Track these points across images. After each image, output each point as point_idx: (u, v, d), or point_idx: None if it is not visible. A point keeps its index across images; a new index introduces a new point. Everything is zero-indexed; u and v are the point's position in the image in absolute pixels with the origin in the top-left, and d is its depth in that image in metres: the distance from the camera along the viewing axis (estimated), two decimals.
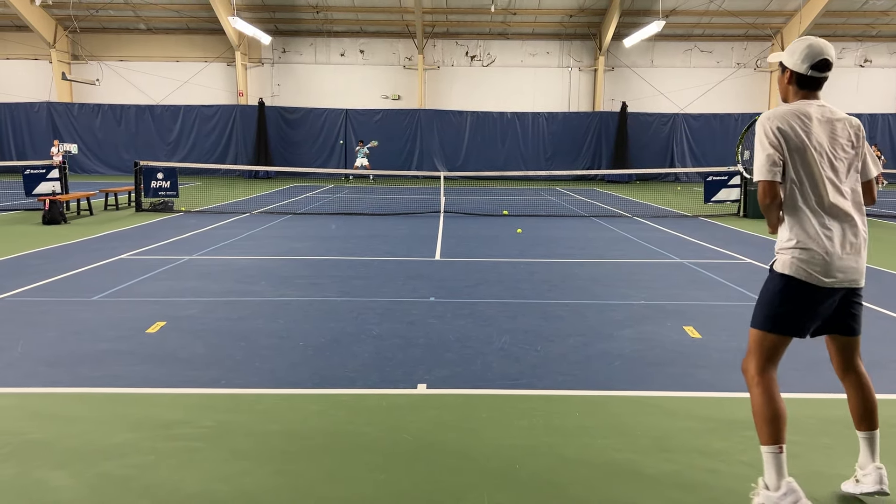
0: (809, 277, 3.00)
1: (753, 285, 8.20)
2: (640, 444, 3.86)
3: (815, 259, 2.99)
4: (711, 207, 17.11)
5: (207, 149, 31.30)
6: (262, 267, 9.20)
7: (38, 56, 31.54)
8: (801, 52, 3.10)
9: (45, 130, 31.04)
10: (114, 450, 3.73)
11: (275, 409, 4.36)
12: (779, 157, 3.03)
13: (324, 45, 31.98)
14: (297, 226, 13.71)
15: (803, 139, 3.03)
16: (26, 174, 15.45)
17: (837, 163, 3.08)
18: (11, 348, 5.49)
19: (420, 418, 4.22)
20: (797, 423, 4.17)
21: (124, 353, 5.40)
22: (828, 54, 3.08)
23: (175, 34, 31.82)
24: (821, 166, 3.04)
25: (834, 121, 3.11)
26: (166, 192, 16.35)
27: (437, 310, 6.91)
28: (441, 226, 13.84)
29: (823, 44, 3.10)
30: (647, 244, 11.55)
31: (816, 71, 3.08)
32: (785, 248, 3.10)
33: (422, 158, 31.25)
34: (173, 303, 7.07)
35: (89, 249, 10.42)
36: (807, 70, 3.09)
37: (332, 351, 5.52)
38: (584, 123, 31.46)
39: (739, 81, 31.86)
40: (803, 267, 3.00)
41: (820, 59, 3.07)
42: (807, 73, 3.10)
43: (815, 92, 3.15)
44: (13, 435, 3.90)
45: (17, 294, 7.38)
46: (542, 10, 29.58)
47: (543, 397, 4.60)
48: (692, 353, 5.57)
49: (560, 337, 5.97)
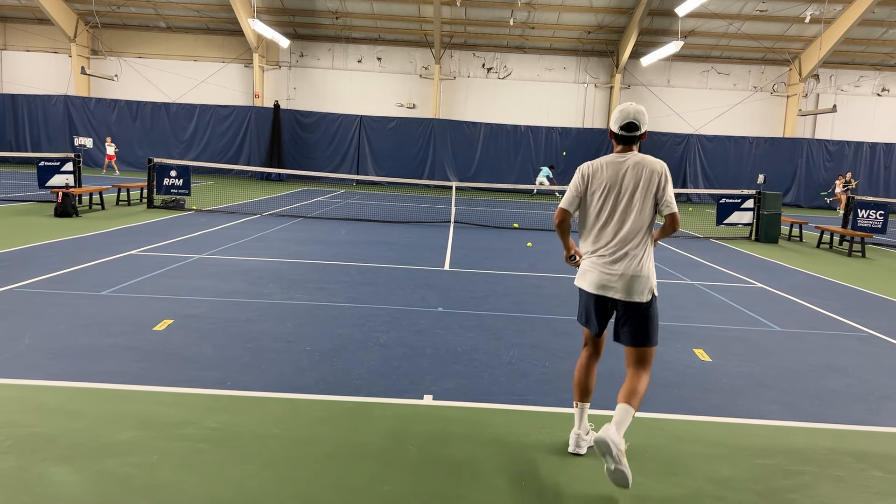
0: (584, 286, 4.05)
1: (764, 310, 8.13)
2: (648, 468, 3.80)
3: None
4: (723, 230, 17.03)
5: (221, 149, 31.40)
6: (272, 269, 9.18)
7: (58, 49, 31.79)
8: (615, 116, 3.85)
9: (62, 123, 31.22)
10: (117, 447, 3.70)
11: (280, 413, 4.33)
12: (578, 191, 3.95)
13: (341, 51, 32.10)
14: (308, 229, 13.71)
15: (608, 181, 3.84)
16: (40, 166, 15.52)
17: (629, 198, 3.80)
18: (19, 339, 5.49)
19: (426, 430, 4.18)
20: (806, 453, 4.11)
21: (131, 350, 5.38)
22: (634, 118, 3.79)
23: (194, 33, 32.01)
24: (614, 201, 3.84)
25: (630, 166, 3.81)
26: (179, 189, 16.38)
27: (444, 320, 6.88)
28: (451, 236, 13.82)
29: (633, 109, 3.80)
30: (658, 263, 11.49)
31: (625, 131, 3.82)
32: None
33: (434, 168, 31.26)
34: (181, 301, 7.06)
35: (100, 244, 10.44)
36: (618, 130, 3.83)
37: (338, 357, 5.49)
38: (598, 140, 31.42)
39: (756, 105, 31.78)
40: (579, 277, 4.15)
41: (626, 122, 3.81)
42: (618, 133, 3.85)
43: (630, 145, 3.85)
44: (17, 427, 3.88)
45: (26, 285, 7.39)
46: (560, 25, 29.63)
47: (550, 414, 4.55)
48: (702, 376, 5.51)
49: (568, 354, 5.92)
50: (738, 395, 5.11)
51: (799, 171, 31.04)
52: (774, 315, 7.94)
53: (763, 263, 12.26)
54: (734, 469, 3.84)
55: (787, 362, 6.04)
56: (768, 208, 15.73)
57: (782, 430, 4.48)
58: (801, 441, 4.32)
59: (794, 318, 7.87)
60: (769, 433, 4.42)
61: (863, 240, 14.15)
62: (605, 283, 3.82)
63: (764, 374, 5.64)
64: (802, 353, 6.39)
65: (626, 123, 3.81)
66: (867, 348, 6.68)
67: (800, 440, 4.33)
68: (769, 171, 29.88)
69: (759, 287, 9.79)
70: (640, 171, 3.78)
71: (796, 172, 31.07)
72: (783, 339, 6.89)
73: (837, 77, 31.55)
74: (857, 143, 31.03)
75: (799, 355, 6.29)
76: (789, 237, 16.88)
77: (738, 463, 3.93)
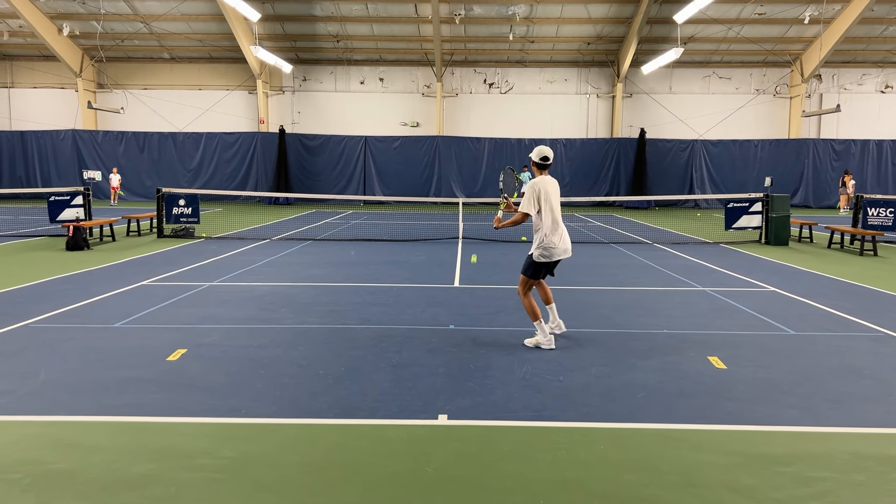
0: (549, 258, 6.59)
1: (777, 314, 8.09)
2: (667, 480, 3.78)
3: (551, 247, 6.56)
4: (732, 234, 16.97)
5: (228, 175, 31.64)
6: (282, 293, 9.22)
7: (65, 85, 32.21)
8: (537, 154, 6.67)
9: (70, 158, 31.57)
10: (135, 480, 3.71)
11: (296, 439, 4.33)
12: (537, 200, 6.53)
13: (344, 74, 32.37)
14: (317, 252, 13.76)
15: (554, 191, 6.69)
16: (51, 201, 15.67)
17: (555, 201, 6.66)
18: (35, 375, 5.52)
19: (442, 450, 4.17)
20: (826, 459, 4.07)
21: (146, 381, 5.40)
22: (548, 154, 6.67)
23: (198, 63, 32.38)
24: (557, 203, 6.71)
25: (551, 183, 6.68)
26: (188, 218, 16.49)
27: (456, 337, 6.87)
28: (459, 252, 13.83)
29: (548, 150, 6.69)
30: (668, 271, 11.45)
31: (544, 161, 6.67)
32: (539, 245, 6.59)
33: (440, 185, 31.36)
34: (194, 330, 7.10)
35: (111, 276, 10.51)
36: (541, 161, 6.67)
37: (352, 380, 5.49)
38: (603, 150, 31.45)
39: (759, 108, 31.76)
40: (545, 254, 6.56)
41: (542, 156, 6.67)
42: (541, 163, 6.68)
43: (546, 170, 6.72)
44: (35, 465, 3.90)
45: (41, 320, 7.45)
46: (559, 38, 29.78)
47: (566, 429, 4.53)
48: (717, 384, 5.48)
49: (582, 367, 5.90)
50: (754, 401, 5.07)
51: (806, 172, 30.94)
52: (788, 318, 7.89)
53: (774, 266, 12.20)
54: (754, 477, 3.81)
55: (802, 366, 5.99)
56: (777, 211, 15.67)
57: (801, 436, 4.45)
58: (821, 447, 4.28)
59: (808, 320, 7.82)
60: (788, 440, 4.39)
61: (874, 238, 14.07)
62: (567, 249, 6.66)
63: (780, 380, 5.60)
64: (818, 356, 6.35)
65: (543, 157, 6.67)
66: (883, 349, 6.62)
67: (819, 446, 4.29)
68: (776, 173, 29.79)
69: (771, 290, 9.73)
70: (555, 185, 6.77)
71: (803, 173, 30.98)
72: (798, 342, 6.85)
73: (840, 76, 31.51)
74: (863, 141, 30.94)
75: (814, 358, 6.25)
76: (799, 239, 16.80)
77: (758, 471, 3.89)
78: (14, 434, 4.37)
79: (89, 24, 29.12)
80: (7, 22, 29.06)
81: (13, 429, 4.46)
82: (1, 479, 3.71)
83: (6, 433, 4.38)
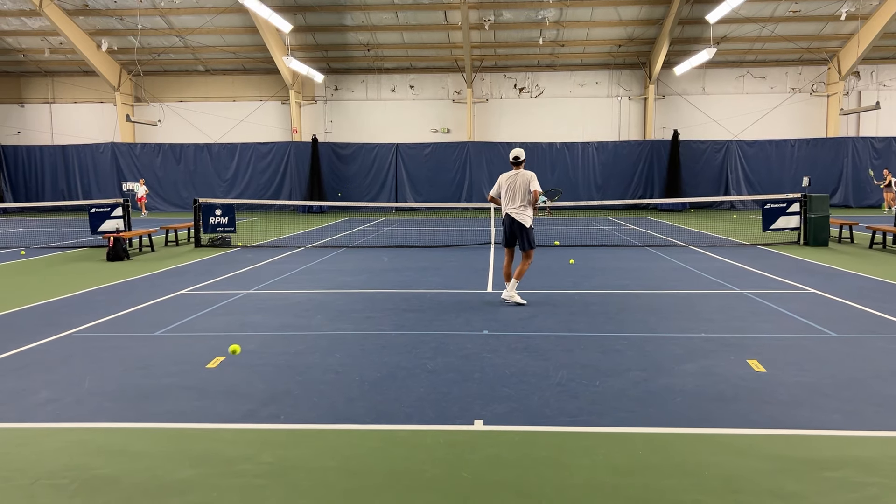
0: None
1: (819, 317, 7.92)
2: (708, 485, 3.72)
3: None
4: (770, 236, 16.68)
5: (263, 185, 32.10)
6: (318, 301, 9.31)
7: (104, 99, 33.03)
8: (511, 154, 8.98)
9: (110, 170, 32.34)
10: (177, 486, 3.78)
11: (334, 445, 4.36)
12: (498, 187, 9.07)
13: (374, 82, 32.63)
14: (351, 259, 13.87)
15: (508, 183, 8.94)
16: (91, 213, 16.05)
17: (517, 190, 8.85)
18: (79, 384, 5.66)
19: (478, 456, 4.16)
20: (873, 464, 3.98)
21: (186, 388, 5.50)
22: (517, 155, 8.92)
23: (232, 75, 32.94)
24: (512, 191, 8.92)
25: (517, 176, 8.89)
26: (224, 227, 16.75)
27: (491, 343, 6.87)
28: (492, 257, 13.82)
29: (516, 152, 8.91)
30: (705, 274, 11.29)
31: (513, 160, 8.93)
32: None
33: (471, 190, 31.38)
34: (232, 338, 7.20)
35: (151, 285, 10.72)
36: (512, 160, 8.96)
37: (387, 386, 5.52)
38: (636, 152, 31.18)
39: (795, 107, 31.21)
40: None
41: (512, 157, 8.95)
42: (512, 161, 8.96)
43: (519, 167, 8.92)
44: (81, 470, 3.99)
45: (84, 330, 7.63)
46: (590, 41, 29.64)
47: (604, 434, 4.49)
48: (757, 388, 5.38)
49: (619, 372, 5.85)
50: (797, 405, 4.97)
51: (845, 171, 30.29)
52: (829, 321, 7.72)
53: (814, 268, 11.96)
54: (799, 483, 3.74)
55: (846, 370, 5.86)
56: (815, 211, 15.37)
57: (847, 441, 4.35)
58: (868, 451, 4.18)
59: (851, 322, 7.65)
60: (833, 444, 4.29)
61: None
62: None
63: (823, 383, 5.48)
64: (862, 359, 6.20)
65: (513, 158, 8.91)
66: None
67: (866, 450, 4.19)
68: (814, 172, 29.23)
69: (812, 292, 9.54)
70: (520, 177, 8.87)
71: (842, 172, 30.32)
72: (841, 345, 6.70)
73: (879, 72, 30.83)
74: None
75: (859, 362, 6.10)
76: (839, 239, 16.44)
77: (803, 477, 3.82)
78: (60, 441, 4.47)
79: (126, 40, 29.83)
80: (48, 39, 29.92)
81: (60, 435, 4.57)
82: (49, 484, 3.81)
83: (53, 440, 4.49)
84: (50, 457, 4.20)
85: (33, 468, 4.02)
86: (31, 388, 5.56)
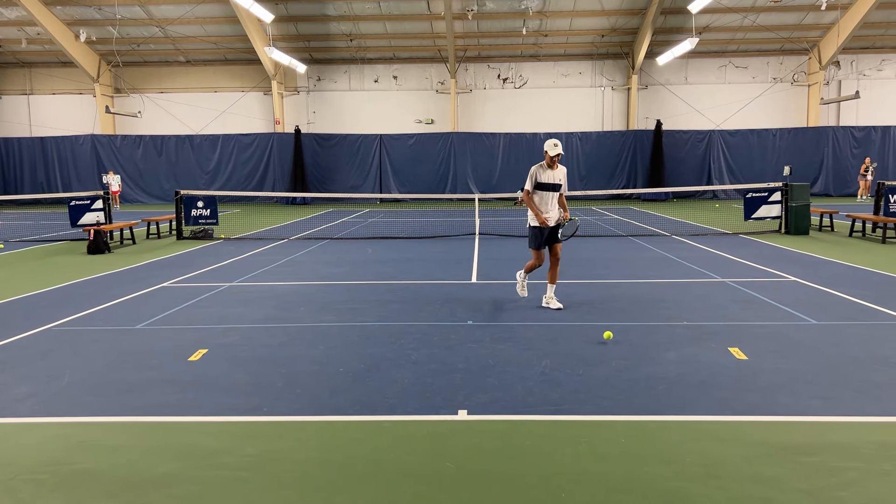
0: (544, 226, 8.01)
1: (799, 304, 8.00)
2: (690, 472, 3.75)
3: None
4: (752, 225, 16.80)
5: (245, 176, 31.85)
6: (301, 293, 9.26)
7: (83, 90, 32.56)
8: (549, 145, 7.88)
9: (90, 162, 31.93)
10: (160, 480, 3.75)
11: (317, 436, 4.35)
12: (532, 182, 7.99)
13: (357, 72, 32.43)
14: (335, 251, 13.81)
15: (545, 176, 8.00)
16: (71, 205, 15.85)
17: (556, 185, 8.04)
18: (59, 377, 5.60)
19: (462, 446, 4.17)
20: (851, 449, 4.03)
21: (168, 382, 5.46)
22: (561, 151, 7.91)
23: (213, 65, 32.59)
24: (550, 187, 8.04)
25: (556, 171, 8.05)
26: (206, 219, 16.62)
27: (475, 334, 6.87)
28: (476, 248, 13.82)
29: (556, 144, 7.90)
30: (688, 263, 11.36)
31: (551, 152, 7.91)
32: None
33: (456, 181, 31.34)
34: (214, 330, 7.15)
35: (132, 278, 10.62)
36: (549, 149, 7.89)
37: (371, 377, 5.51)
38: (619, 142, 31.26)
39: (776, 96, 31.40)
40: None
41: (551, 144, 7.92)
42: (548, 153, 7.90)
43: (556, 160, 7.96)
44: (62, 465, 3.95)
45: (63, 323, 7.54)
46: (573, 31, 29.62)
47: (587, 423, 4.51)
48: (739, 375, 5.43)
49: (602, 360, 5.88)
50: (777, 392, 5.02)
51: (826, 160, 30.55)
52: (810, 308, 7.80)
53: (795, 256, 12.07)
54: (778, 468, 3.78)
55: (826, 356, 5.92)
56: (796, 200, 15.50)
57: (826, 426, 4.40)
58: (846, 436, 4.23)
59: (831, 310, 7.73)
60: (812, 430, 4.34)
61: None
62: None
63: (803, 370, 5.54)
64: (842, 345, 6.27)
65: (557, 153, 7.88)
66: None
67: (845, 436, 4.24)
68: (795, 161, 29.45)
69: (793, 280, 9.63)
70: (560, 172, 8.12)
71: (823, 161, 30.58)
72: (820, 332, 6.77)
73: (859, 62, 31.06)
74: (883, 128, 30.48)
75: (838, 348, 6.17)
76: (820, 228, 16.60)
77: (782, 462, 3.86)
78: (39, 436, 4.43)
79: (105, 30, 29.40)
80: (25, 30, 29.42)
81: (39, 430, 4.52)
82: (28, 480, 3.77)
83: (32, 435, 4.45)
84: (30, 452, 4.16)
85: (13, 463, 3.98)
86: (10, 382, 5.49)
